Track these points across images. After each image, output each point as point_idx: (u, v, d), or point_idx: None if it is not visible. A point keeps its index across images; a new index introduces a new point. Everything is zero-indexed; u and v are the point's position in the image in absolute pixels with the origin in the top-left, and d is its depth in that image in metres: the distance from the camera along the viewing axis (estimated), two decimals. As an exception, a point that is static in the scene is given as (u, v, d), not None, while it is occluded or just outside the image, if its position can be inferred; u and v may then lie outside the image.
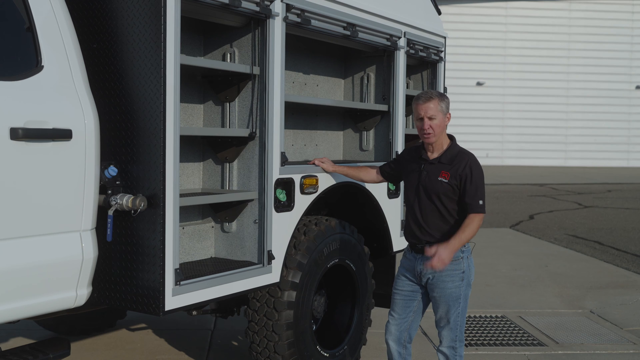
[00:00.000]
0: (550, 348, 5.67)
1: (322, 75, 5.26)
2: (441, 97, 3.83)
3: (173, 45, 3.30)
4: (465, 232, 3.68)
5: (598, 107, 34.08)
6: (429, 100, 3.80)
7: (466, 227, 3.69)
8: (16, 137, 2.93)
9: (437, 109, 3.78)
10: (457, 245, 3.68)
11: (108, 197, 3.33)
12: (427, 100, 3.80)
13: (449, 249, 3.65)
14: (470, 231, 3.69)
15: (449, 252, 3.65)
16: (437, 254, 3.64)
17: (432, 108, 3.78)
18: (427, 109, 3.78)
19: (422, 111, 3.79)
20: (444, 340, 3.91)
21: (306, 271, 4.27)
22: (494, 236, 11.55)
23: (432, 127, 3.77)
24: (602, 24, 33.88)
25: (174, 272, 3.38)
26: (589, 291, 7.70)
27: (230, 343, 5.66)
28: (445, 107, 3.81)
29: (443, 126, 3.82)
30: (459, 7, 32.93)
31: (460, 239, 3.68)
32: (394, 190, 5.10)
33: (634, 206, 16.66)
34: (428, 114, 3.77)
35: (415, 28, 5.27)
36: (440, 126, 3.79)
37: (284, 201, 4.09)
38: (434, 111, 3.77)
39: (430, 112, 3.77)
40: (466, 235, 3.69)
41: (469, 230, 3.69)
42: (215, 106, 4.22)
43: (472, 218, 3.71)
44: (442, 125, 3.81)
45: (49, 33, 3.17)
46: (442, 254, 3.64)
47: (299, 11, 4.09)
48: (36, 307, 3.15)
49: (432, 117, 3.77)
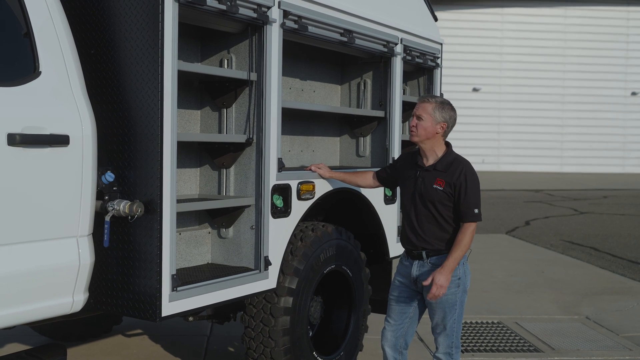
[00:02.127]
0: (546, 354, 5.68)
1: (319, 82, 5.27)
2: (441, 105, 3.82)
3: (170, 51, 3.30)
4: (458, 250, 3.70)
5: (593, 113, 34.17)
6: (426, 101, 3.84)
7: (458, 244, 3.70)
8: (13, 143, 2.93)
9: (429, 112, 3.79)
10: (453, 265, 3.70)
11: (105, 202, 3.33)
12: (425, 101, 3.84)
13: (444, 273, 3.67)
14: (464, 246, 3.70)
15: (445, 276, 3.67)
16: (434, 282, 3.66)
17: (424, 109, 3.81)
18: (419, 108, 3.84)
19: (415, 108, 3.86)
20: (440, 346, 3.91)
21: (303, 277, 4.27)
22: (490, 242, 11.56)
23: (416, 127, 3.81)
24: (597, 30, 34.00)
25: (171, 278, 3.38)
26: (585, 297, 7.71)
27: (227, 349, 5.65)
28: (441, 116, 3.80)
29: (431, 131, 3.80)
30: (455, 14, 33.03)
31: (455, 258, 3.70)
32: (391, 197, 5.11)
33: (629, 212, 16.70)
34: (418, 112, 3.82)
35: (411, 34, 5.29)
36: (426, 129, 3.80)
37: (280, 207, 4.09)
38: (425, 112, 3.80)
39: (421, 111, 3.81)
40: (459, 253, 3.70)
41: (462, 246, 3.70)
42: (212, 112, 4.22)
43: (464, 231, 3.71)
44: (430, 130, 3.80)
45: (46, 39, 3.18)
46: (438, 281, 3.66)
47: (296, 17, 4.10)
48: (32, 313, 3.15)
49: (420, 116, 3.80)
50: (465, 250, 3.73)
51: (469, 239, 3.71)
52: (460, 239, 3.71)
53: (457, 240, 3.72)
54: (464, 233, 3.72)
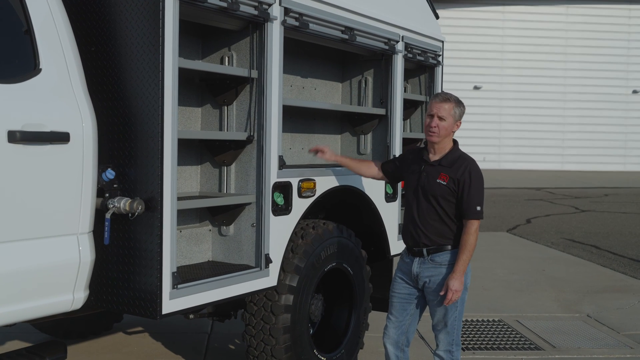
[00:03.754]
0: (547, 352, 5.68)
1: (320, 79, 5.27)
2: (458, 103, 3.84)
3: (171, 48, 3.30)
4: (466, 252, 3.71)
5: (595, 111, 34.12)
6: (445, 101, 3.82)
7: (465, 245, 3.71)
8: (14, 140, 2.93)
9: (450, 113, 3.80)
10: (463, 268, 3.71)
11: (105, 200, 3.32)
12: (444, 100, 3.83)
13: (457, 277, 3.69)
14: (470, 247, 3.71)
15: (458, 280, 3.69)
16: (449, 288, 3.68)
17: (445, 109, 3.80)
18: (440, 108, 3.80)
19: (435, 109, 3.82)
20: (441, 343, 3.91)
21: (303, 275, 4.27)
22: (491, 240, 11.55)
23: (438, 127, 3.79)
24: (599, 29, 33.94)
25: (171, 276, 3.38)
26: (586, 295, 7.70)
27: (227, 347, 5.65)
28: (459, 114, 3.83)
29: (450, 130, 3.82)
30: (457, 12, 32.99)
31: (464, 260, 3.71)
32: (392, 194, 5.10)
33: (630, 210, 16.68)
34: (440, 114, 3.80)
35: (413, 32, 5.28)
36: (446, 129, 3.80)
37: (281, 205, 4.09)
38: (446, 113, 3.79)
39: (443, 112, 3.79)
40: (467, 254, 3.71)
41: (469, 246, 3.71)
42: (213, 109, 4.22)
43: (468, 231, 3.72)
44: (449, 129, 3.82)
45: (47, 36, 3.17)
46: (453, 286, 3.68)
47: (297, 15, 4.09)
48: (33, 310, 3.15)
49: (442, 117, 3.79)
50: (472, 250, 3.73)
51: (474, 239, 3.72)
52: (465, 239, 3.71)
53: (462, 241, 3.72)
54: (468, 233, 3.72)
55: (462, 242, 3.73)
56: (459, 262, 3.70)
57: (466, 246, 3.71)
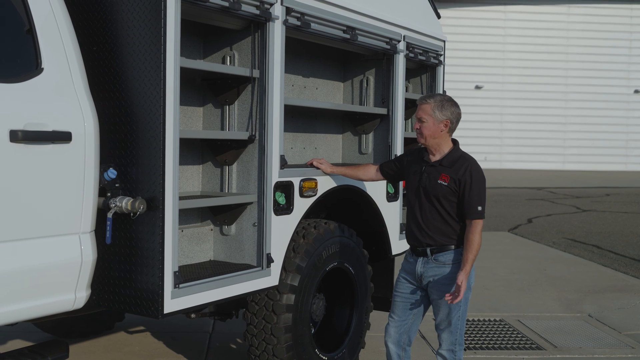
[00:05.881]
0: (548, 352, 5.67)
1: (322, 79, 5.27)
2: (440, 103, 3.81)
3: (173, 48, 3.30)
4: (471, 252, 3.70)
5: (596, 111, 34.11)
6: (423, 102, 3.85)
7: (470, 245, 3.71)
8: (16, 140, 2.93)
9: (429, 113, 3.80)
10: (469, 267, 3.71)
11: (107, 199, 3.33)
12: (422, 102, 3.86)
13: (464, 276, 3.68)
14: (476, 246, 3.71)
15: (465, 279, 3.68)
16: (457, 288, 3.66)
17: (424, 110, 3.82)
18: (419, 110, 3.86)
19: (417, 111, 3.87)
20: (444, 343, 3.91)
21: (305, 274, 4.27)
22: (493, 240, 11.55)
23: (420, 129, 3.82)
24: (600, 28, 33.92)
25: (173, 275, 3.38)
26: (587, 295, 7.70)
27: (229, 346, 5.66)
28: (441, 114, 3.79)
29: (435, 131, 3.81)
30: (458, 11, 32.98)
31: (470, 260, 3.70)
32: (393, 194, 5.10)
33: (632, 210, 16.67)
34: (418, 115, 3.85)
35: (414, 32, 5.27)
36: (430, 130, 3.80)
37: (283, 204, 4.09)
38: (425, 114, 3.81)
39: (421, 113, 3.83)
40: (473, 254, 3.71)
41: (474, 246, 3.70)
42: (214, 109, 4.22)
43: (472, 230, 3.72)
44: (433, 130, 3.80)
45: (48, 35, 3.17)
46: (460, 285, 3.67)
47: (298, 14, 4.09)
48: (35, 310, 3.15)
49: (421, 119, 3.82)
50: (478, 250, 3.72)
51: (478, 239, 3.72)
52: (470, 239, 3.71)
53: (468, 241, 3.72)
54: (472, 233, 3.71)
55: (467, 241, 3.73)
56: (467, 262, 3.70)
57: (471, 246, 3.71)
